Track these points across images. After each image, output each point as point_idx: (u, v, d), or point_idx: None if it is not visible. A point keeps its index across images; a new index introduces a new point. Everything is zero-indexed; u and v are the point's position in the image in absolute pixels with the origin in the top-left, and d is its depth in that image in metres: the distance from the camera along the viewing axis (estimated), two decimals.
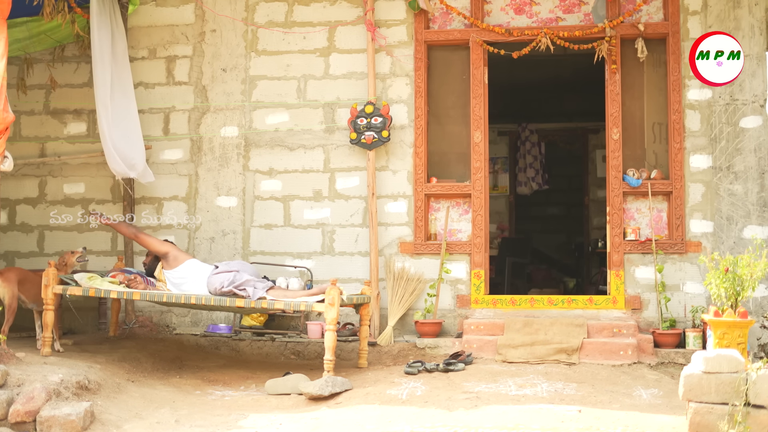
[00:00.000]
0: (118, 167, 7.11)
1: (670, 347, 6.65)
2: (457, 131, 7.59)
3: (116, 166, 7.10)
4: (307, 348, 7.09)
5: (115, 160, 7.08)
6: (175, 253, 6.65)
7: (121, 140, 7.14)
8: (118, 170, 7.14)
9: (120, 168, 7.12)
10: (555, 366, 6.28)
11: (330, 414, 5.12)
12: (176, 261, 6.59)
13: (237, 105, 7.70)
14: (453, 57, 7.58)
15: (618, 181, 7.23)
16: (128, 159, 7.16)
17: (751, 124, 7.10)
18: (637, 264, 7.15)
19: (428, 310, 7.18)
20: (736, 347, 4.80)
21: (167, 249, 6.66)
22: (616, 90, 7.26)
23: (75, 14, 7.30)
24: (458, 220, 7.48)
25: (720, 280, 5.00)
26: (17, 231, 7.98)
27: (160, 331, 7.54)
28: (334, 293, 5.92)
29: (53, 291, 6.24)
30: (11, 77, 7.48)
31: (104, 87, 7.08)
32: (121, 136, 7.14)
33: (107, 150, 7.07)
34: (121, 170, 7.14)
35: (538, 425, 4.65)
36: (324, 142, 7.58)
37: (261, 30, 7.71)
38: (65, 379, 5.12)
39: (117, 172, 7.16)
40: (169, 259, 6.60)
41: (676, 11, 7.20)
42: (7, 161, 5.63)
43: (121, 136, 7.14)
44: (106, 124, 7.04)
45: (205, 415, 5.23)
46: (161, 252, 6.65)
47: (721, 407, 4.20)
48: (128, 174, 7.20)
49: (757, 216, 7.03)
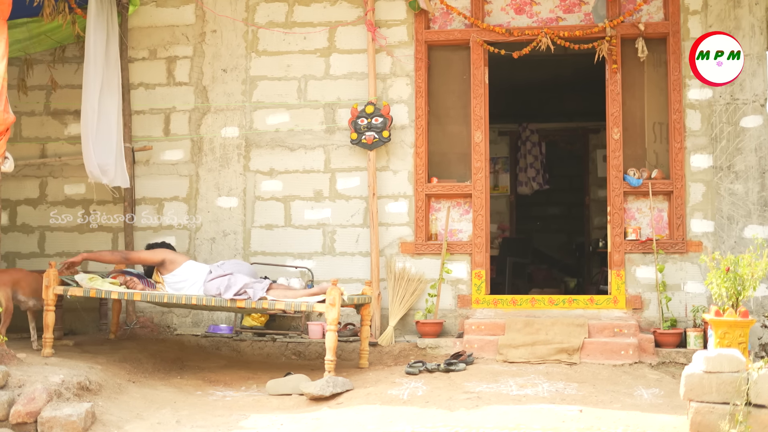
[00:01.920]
0: (94, 170, 6.98)
1: (671, 347, 6.65)
2: (457, 131, 7.59)
3: (93, 169, 6.97)
4: (308, 348, 7.09)
5: (92, 164, 6.96)
6: (170, 257, 6.57)
7: (98, 144, 7.05)
8: (94, 174, 6.99)
9: (96, 172, 6.99)
10: (556, 366, 6.28)
11: (331, 414, 5.12)
12: (173, 264, 6.53)
13: (237, 105, 7.71)
14: (453, 57, 7.59)
15: (619, 180, 7.23)
16: (102, 164, 7.05)
17: (752, 123, 7.10)
18: (638, 264, 7.15)
19: (429, 310, 7.18)
20: (737, 347, 4.80)
21: (161, 257, 6.56)
22: (617, 90, 7.26)
23: (75, 15, 7.31)
24: (459, 220, 7.48)
25: (721, 280, 5.00)
26: (18, 232, 7.98)
27: (161, 332, 7.54)
28: (335, 293, 5.91)
29: (54, 292, 6.24)
30: (12, 78, 7.49)
31: (94, 89, 7.04)
32: (99, 139, 7.06)
33: (87, 152, 6.95)
34: (96, 174, 7.01)
35: (539, 425, 4.64)
36: (324, 142, 7.58)
37: (261, 30, 7.72)
38: (66, 380, 5.11)
39: (92, 175, 7.00)
40: (166, 265, 6.55)
41: (677, 11, 7.20)
42: (8, 162, 5.63)
43: (99, 140, 7.06)
44: (90, 127, 6.99)
45: (206, 416, 5.23)
46: (156, 261, 6.57)
47: (723, 407, 4.19)
48: (101, 179, 7.05)
49: (757, 215, 7.03)
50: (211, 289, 6.26)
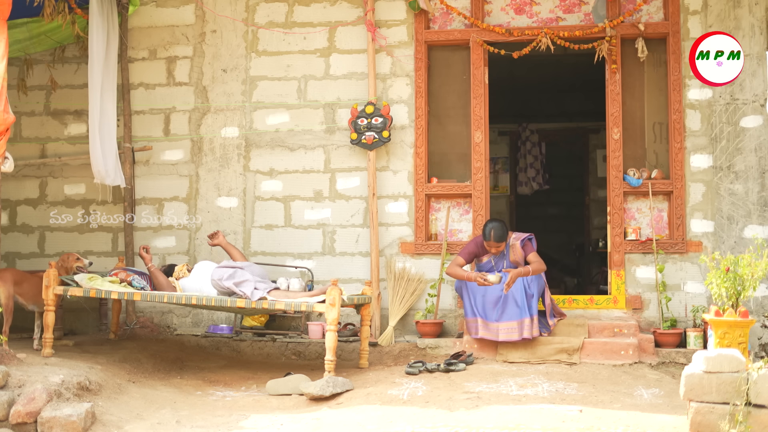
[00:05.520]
0: (101, 171, 7.11)
1: (671, 347, 6.65)
2: (457, 131, 7.59)
3: (99, 169, 7.11)
4: (308, 348, 7.09)
5: (100, 164, 7.09)
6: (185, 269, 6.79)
7: (104, 144, 7.15)
8: (101, 173, 7.13)
9: (102, 172, 7.12)
10: (556, 366, 6.28)
11: (331, 414, 5.12)
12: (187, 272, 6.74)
13: (237, 105, 7.71)
14: (453, 57, 7.59)
15: (618, 180, 7.23)
16: (107, 164, 7.16)
17: (752, 123, 7.10)
18: (638, 264, 7.15)
19: (429, 311, 7.18)
20: (737, 347, 4.80)
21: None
22: (617, 90, 7.26)
23: (75, 15, 7.31)
24: (459, 220, 7.48)
25: (721, 280, 5.00)
26: (18, 232, 7.98)
27: (161, 332, 7.54)
28: (335, 294, 5.91)
29: (54, 292, 6.24)
30: (11, 78, 7.50)
31: (97, 89, 7.09)
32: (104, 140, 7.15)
33: (94, 153, 7.06)
34: (103, 174, 7.14)
35: (540, 425, 4.64)
36: (324, 142, 7.58)
37: (261, 30, 7.72)
38: (66, 380, 5.11)
39: (99, 175, 7.14)
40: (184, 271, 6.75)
41: (677, 11, 7.20)
42: (8, 162, 5.63)
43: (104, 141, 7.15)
44: (97, 127, 7.07)
45: (206, 416, 5.23)
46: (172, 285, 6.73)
47: (722, 407, 4.19)
48: (104, 180, 7.18)
49: (757, 215, 7.03)
50: (217, 273, 6.35)
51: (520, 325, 6.46)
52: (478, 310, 6.60)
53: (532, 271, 6.61)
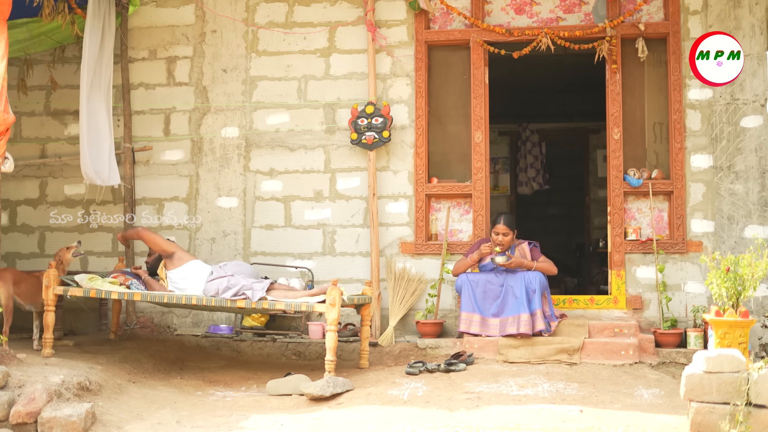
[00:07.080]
0: (89, 172, 7.04)
1: (672, 347, 6.65)
2: (457, 131, 7.59)
3: (87, 171, 7.03)
4: (308, 348, 7.09)
5: (87, 165, 7.02)
6: (180, 253, 6.66)
7: (92, 145, 7.09)
8: (88, 175, 7.06)
9: (90, 173, 7.05)
10: (556, 366, 6.28)
11: (331, 414, 5.12)
12: (180, 261, 6.60)
13: (237, 106, 7.71)
14: (453, 57, 7.59)
15: (619, 180, 7.23)
16: (95, 165, 7.09)
17: (752, 123, 7.10)
18: (638, 264, 7.15)
19: (429, 311, 7.18)
20: (737, 347, 4.80)
21: (174, 249, 6.66)
22: (617, 90, 7.26)
23: (75, 15, 7.31)
24: (459, 220, 7.48)
25: (721, 280, 5.00)
26: (18, 232, 7.98)
27: (161, 332, 7.54)
28: (335, 294, 5.91)
29: (54, 292, 6.24)
30: (12, 78, 7.49)
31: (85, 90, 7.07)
32: (92, 140, 7.10)
33: (82, 154, 7.01)
34: (91, 176, 7.07)
35: (540, 425, 4.64)
36: (325, 142, 7.58)
37: (261, 30, 7.72)
38: (66, 380, 5.11)
39: (87, 177, 7.07)
40: (174, 259, 6.60)
41: (677, 11, 7.20)
42: (8, 162, 5.63)
43: (92, 141, 7.09)
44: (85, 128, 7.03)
45: (206, 416, 5.23)
46: (168, 251, 6.63)
47: (723, 407, 4.19)
48: (95, 180, 7.11)
49: (758, 216, 7.03)
50: (211, 290, 6.29)
51: (517, 319, 6.54)
52: (477, 305, 6.67)
53: (537, 267, 6.77)
